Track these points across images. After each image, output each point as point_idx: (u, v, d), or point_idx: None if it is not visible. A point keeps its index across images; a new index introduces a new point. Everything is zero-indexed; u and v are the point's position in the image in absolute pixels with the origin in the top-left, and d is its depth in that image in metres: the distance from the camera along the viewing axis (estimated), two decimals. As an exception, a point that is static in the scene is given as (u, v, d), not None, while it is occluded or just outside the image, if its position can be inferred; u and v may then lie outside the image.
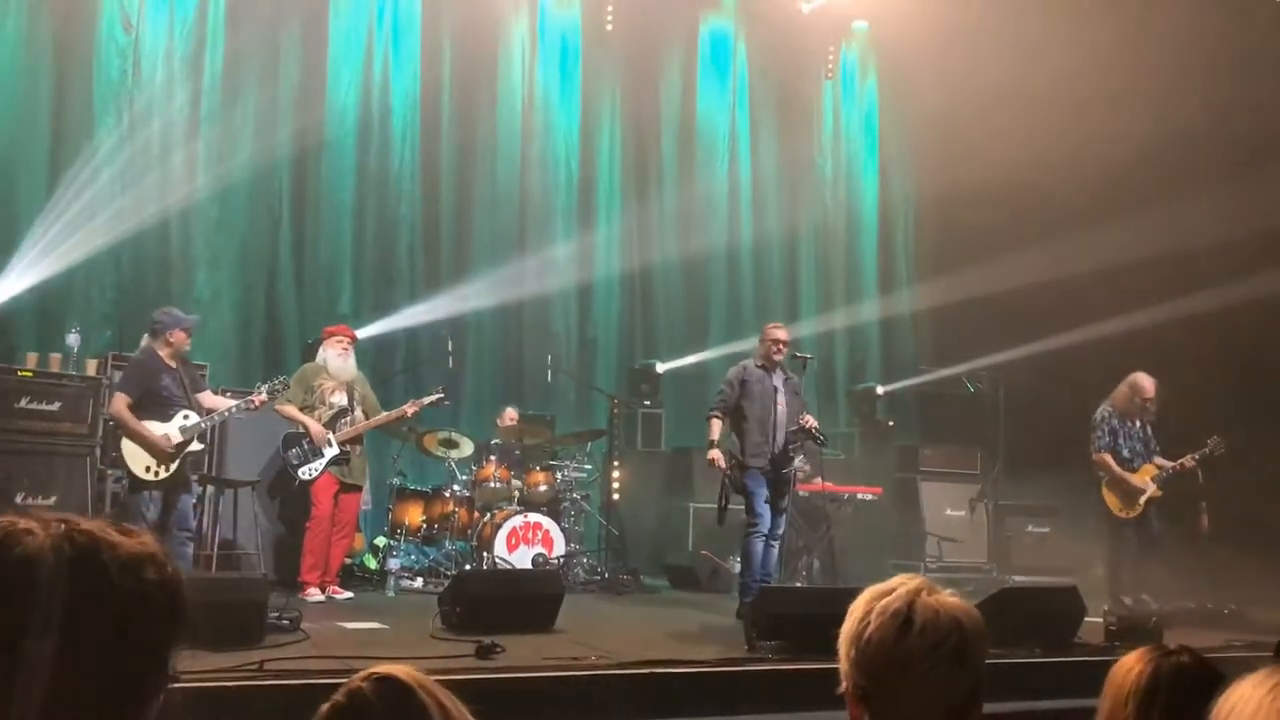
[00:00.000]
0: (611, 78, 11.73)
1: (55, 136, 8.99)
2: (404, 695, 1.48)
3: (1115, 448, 8.19)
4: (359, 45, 10.47)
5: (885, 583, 1.74)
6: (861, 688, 1.68)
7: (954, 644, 1.64)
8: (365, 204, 10.37)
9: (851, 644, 1.69)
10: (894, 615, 1.66)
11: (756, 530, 7.06)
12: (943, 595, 1.70)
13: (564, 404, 10.95)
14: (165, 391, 6.79)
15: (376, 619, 6.44)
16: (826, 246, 12.73)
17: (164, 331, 6.91)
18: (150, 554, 1.15)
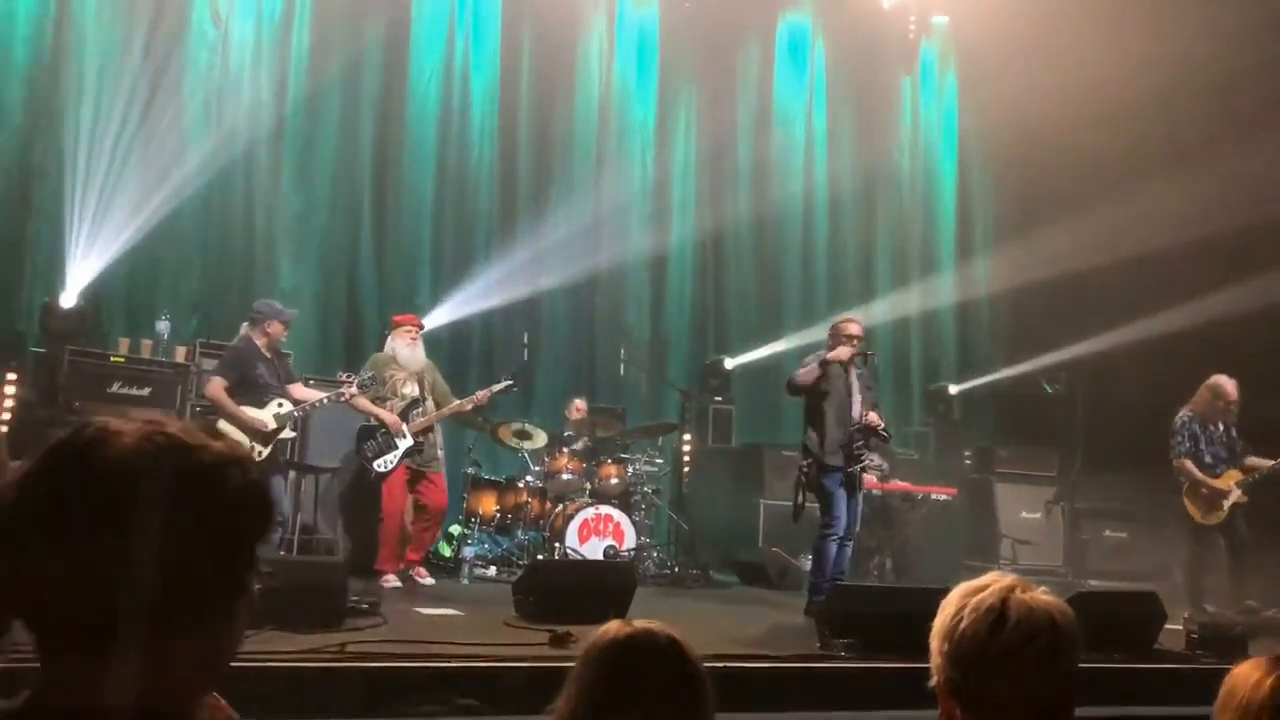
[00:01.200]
0: (689, 73, 11.75)
1: (146, 128, 9.19)
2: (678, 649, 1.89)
3: (1197, 453, 8.03)
4: (440, 38, 10.61)
5: (978, 579, 1.75)
6: (953, 682, 1.69)
7: (1047, 641, 1.65)
8: (444, 196, 10.51)
9: (944, 639, 1.71)
10: (987, 611, 1.67)
11: (832, 532, 6.95)
12: (1036, 592, 1.72)
13: (635, 397, 11.00)
14: (261, 379, 7.02)
15: (451, 606, 6.54)
16: (903, 243, 12.62)
17: (262, 321, 7.15)
18: (236, 457, 1.17)
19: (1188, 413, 8.16)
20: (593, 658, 1.91)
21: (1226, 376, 8.12)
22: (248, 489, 1.16)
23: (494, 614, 6.05)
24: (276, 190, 9.70)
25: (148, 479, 1.09)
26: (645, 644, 1.91)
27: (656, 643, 1.92)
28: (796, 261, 12.07)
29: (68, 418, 7.21)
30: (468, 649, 4.69)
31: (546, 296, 10.88)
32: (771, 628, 6.50)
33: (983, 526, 10.30)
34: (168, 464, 1.11)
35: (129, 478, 1.09)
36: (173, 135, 9.23)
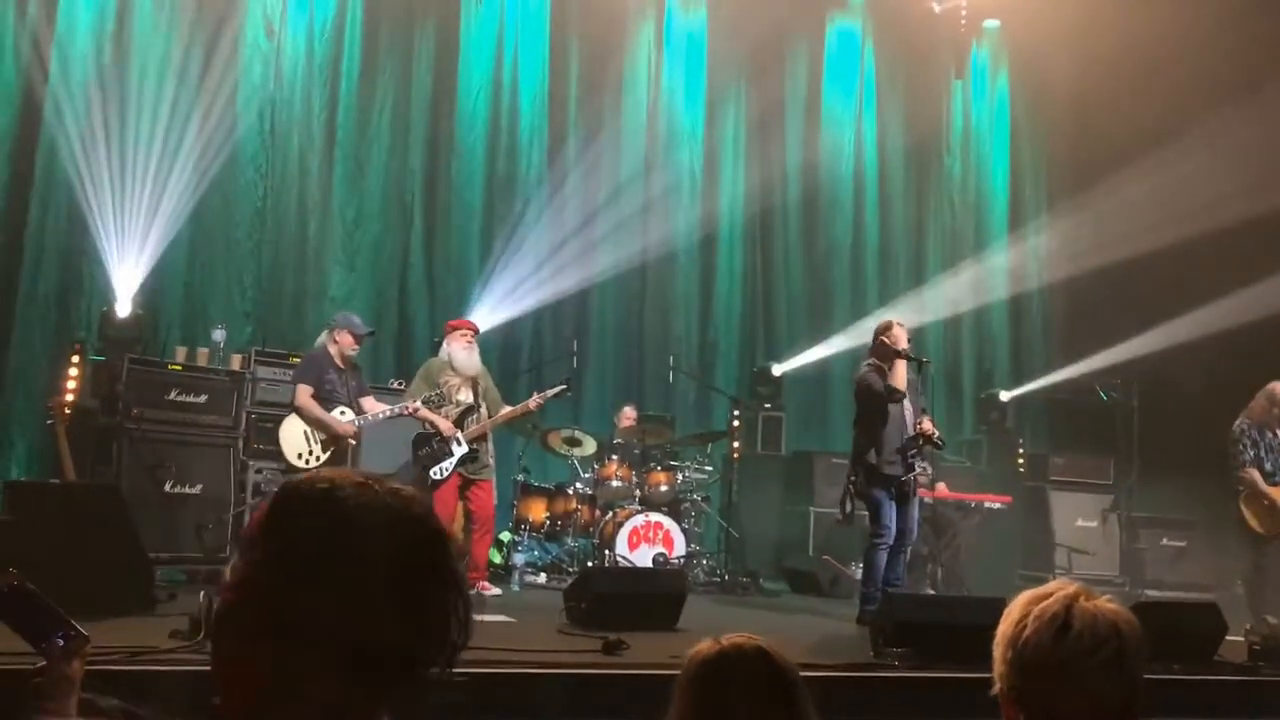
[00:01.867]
0: (737, 79, 11.74)
1: (200, 138, 9.33)
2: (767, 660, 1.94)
3: (1259, 461, 7.86)
4: (489, 49, 10.69)
5: (1041, 587, 1.75)
6: (1017, 690, 1.69)
7: (1112, 650, 1.64)
8: (493, 205, 10.58)
9: (1009, 646, 1.70)
10: (1052, 619, 1.66)
11: (883, 541, 6.89)
12: (1101, 601, 1.70)
13: (684, 405, 10.99)
14: (329, 385, 7.17)
15: (504, 613, 6.56)
16: (954, 247, 12.51)
17: (334, 330, 7.33)
18: (416, 511, 1.21)
19: (1245, 420, 7.99)
20: (685, 683, 1.94)
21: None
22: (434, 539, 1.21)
23: (546, 621, 6.08)
24: (328, 200, 9.81)
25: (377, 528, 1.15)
26: (735, 660, 1.95)
27: (745, 656, 1.95)
28: (846, 266, 12.02)
29: (127, 424, 7.35)
30: (522, 655, 4.70)
31: (596, 304, 10.92)
32: (823, 636, 6.46)
33: (1037, 535, 10.18)
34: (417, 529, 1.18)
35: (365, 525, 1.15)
36: (227, 146, 9.38)
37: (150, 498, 7.22)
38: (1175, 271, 10.25)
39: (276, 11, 9.76)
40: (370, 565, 1.13)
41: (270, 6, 9.71)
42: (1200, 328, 10.09)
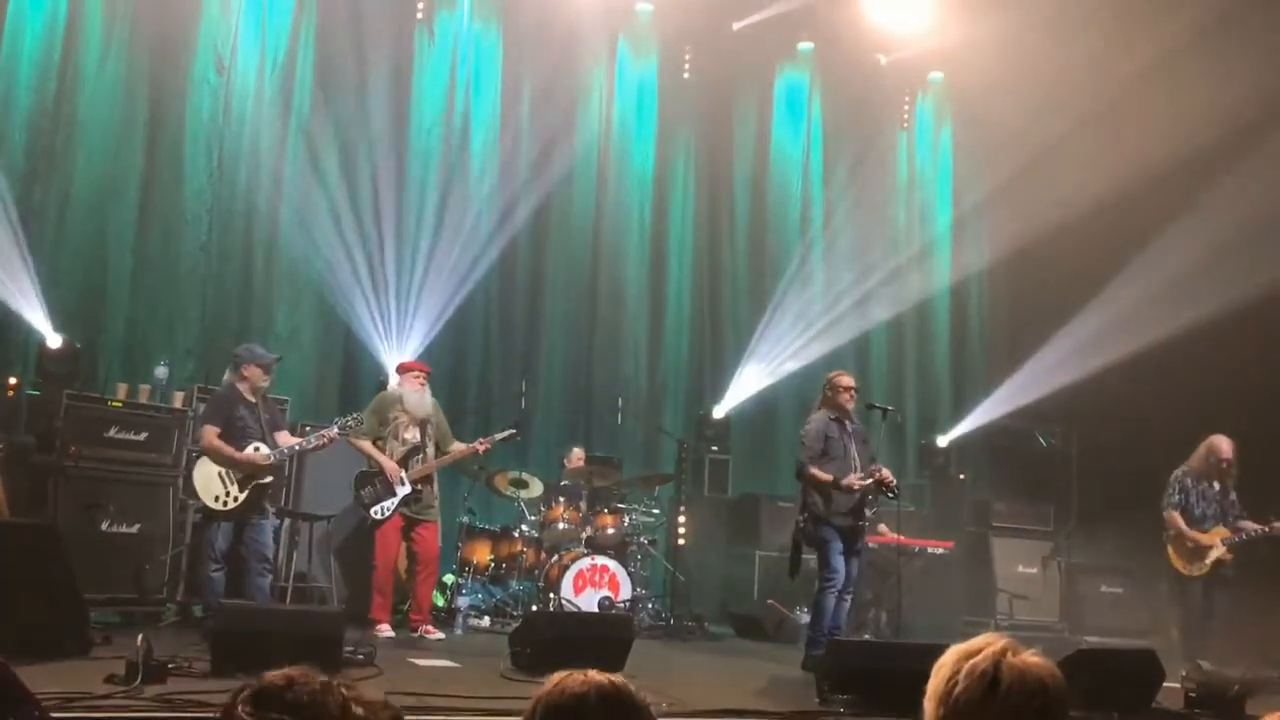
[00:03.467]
0: (687, 126, 11.86)
1: (147, 174, 9.25)
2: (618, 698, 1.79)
3: (1186, 507, 8.20)
4: (441, 88, 10.70)
5: (971, 641, 1.80)
6: None
7: (1039, 705, 1.70)
8: (441, 243, 10.52)
9: (940, 703, 1.74)
10: (981, 675, 1.71)
11: (831, 585, 6.94)
12: (1027, 655, 1.76)
13: (632, 447, 10.98)
14: (240, 422, 6.90)
15: (447, 657, 6.50)
16: (899, 295, 12.67)
17: (241, 365, 7.05)
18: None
19: (1183, 469, 8.35)
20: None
21: (1224, 437, 8.25)
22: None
23: (490, 665, 6.02)
24: (275, 236, 9.73)
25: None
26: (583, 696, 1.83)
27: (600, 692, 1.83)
28: (792, 314, 12.10)
29: (64, 461, 7.19)
30: (466, 701, 4.65)
31: (544, 344, 10.92)
32: (769, 681, 6.47)
33: (979, 580, 10.27)
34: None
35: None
36: (173, 183, 9.29)
37: (87, 537, 7.06)
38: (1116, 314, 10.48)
39: (227, 47, 9.70)
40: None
41: (221, 42, 9.65)
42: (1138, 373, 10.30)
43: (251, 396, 7.03)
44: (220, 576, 6.78)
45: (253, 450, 6.87)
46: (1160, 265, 10.23)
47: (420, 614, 7.47)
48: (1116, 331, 10.45)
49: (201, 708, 4.11)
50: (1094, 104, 10.86)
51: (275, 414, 7.29)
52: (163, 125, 9.37)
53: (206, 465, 6.83)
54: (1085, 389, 10.73)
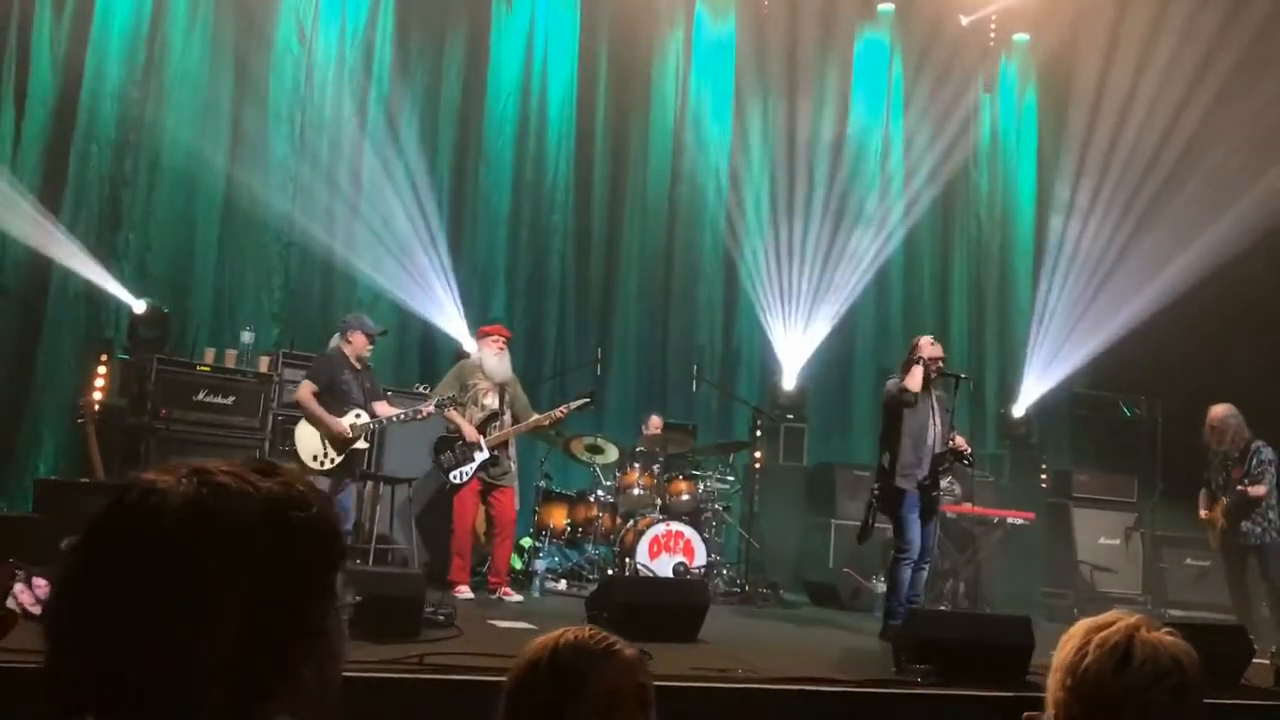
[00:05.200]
0: (765, 88, 11.73)
1: (233, 142, 9.44)
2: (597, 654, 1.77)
3: (1205, 480, 8.52)
4: (518, 56, 10.74)
5: (1102, 615, 1.77)
6: (1075, 717, 1.68)
7: (1173, 683, 1.66)
8: (520, 211, 10.63)
9: (1068, 673, 1.71)
10: (1113, 649, 1.68)
11: (907, 557, 6.86)
12: (1161, 633, 1.72)
13: (706, 414, 11.00)
14: (344, 386, 7.18)
15: (525, 619, 6.57)
16: (980, 262, 12.47)
17: (347, 330, 7.35)
18: (289, 495, 1.10)
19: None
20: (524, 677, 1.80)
21: (1219, 404, 8.46)
22: (309, 525, 1.10)
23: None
24: (357, 203, 9.87)
25: (203, 539, 1.04)
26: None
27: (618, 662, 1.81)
28: (871, 281, 11.97)
29: (155, 424, 7.40)
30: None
31: (620, 311, 10.95)
32: (845, 650, 6.44)
33: (1060, 552, 10.11)
34: (222, 519, 1.05)
35: (184, 541, 1.04)
36: (259, 149, 9.46)
37: (177, 497, 7.25)
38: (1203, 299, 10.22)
39: (309, 16, 9.84)
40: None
41: (302, 12, 9.80)
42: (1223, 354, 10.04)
43: (356, 363, 7.29)
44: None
45: (354, 417, 7.13)
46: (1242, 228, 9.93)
47: (498, 576, 7.57)
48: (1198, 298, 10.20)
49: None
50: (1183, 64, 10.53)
51: (375, 385, 7.54)
52: (247, 94, 9.54)
53: (308, 425, 7.10)
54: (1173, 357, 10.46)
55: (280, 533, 1.08)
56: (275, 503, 1.09)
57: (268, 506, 1.08)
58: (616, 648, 1.81)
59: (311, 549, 1.11)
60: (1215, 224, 10.32)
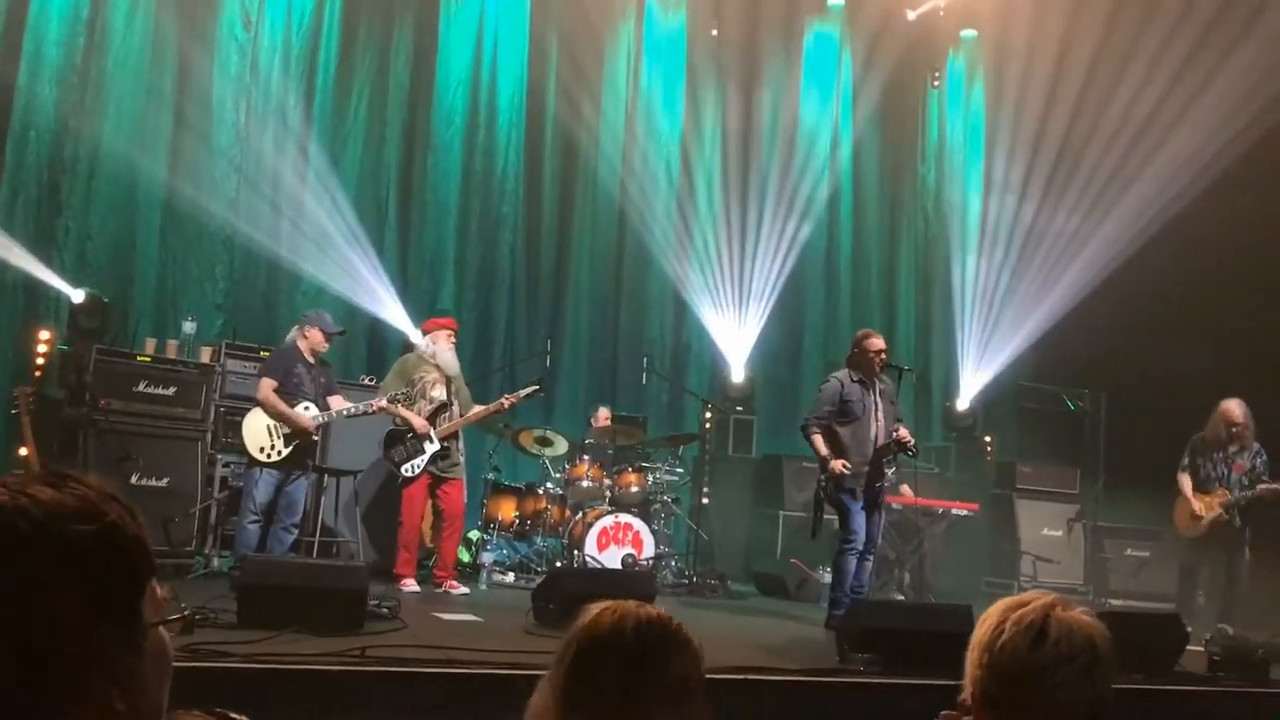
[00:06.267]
0: (715, 83, 11.75)
1: (176, 130, 9.28)
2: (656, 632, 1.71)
3: (1194, 468, 8.43)
4: (468, 46, 10.66)
5: (1019, 595, 1.79)
6: (990, 695, 1.72)
7: (1086, 660, 1.69)
8: (469, 202, 10.56)
9: (984, 651, 1.73)
10: (1029, 627, 1.70)
11: (852, 547, 6.93)
12: (1076, 612, 1.74)
13: (657, 407, 11.02)
14: (296, 380, 7.19)
15: (471, 612, 6.56)
16: (927, 257, 12.58)
17: (305, 325, 7.36)
18: (73, 507, 1.00)
19: (1198, 435, 8.53)
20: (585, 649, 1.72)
21: (1235, 400, 8.32)
22: (97, 539, 1.00)
23: (513, 621, 6.07)
24: (303, 193, 9.75)
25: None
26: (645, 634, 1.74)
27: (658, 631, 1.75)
28: (820, 271, 12.04)
29: (94, 415, 7.28)
30: (488, 655, 4.69)
31: (570, 303, 10.92)
32: (790, 639, 6.49)
33: (1004, 543, 10.26)
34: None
35: None
36: (203, 137, 9.31)
37: (116, 490, 7.14)
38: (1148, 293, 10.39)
39: (254, 3, 9.70)
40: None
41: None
42: (1167, 347, 10.20)
43: (310, 358, 7.29)
44: (255, 530, 6.98)
45: (303, 409, 7.13)
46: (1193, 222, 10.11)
47: (445, 569, 7.54)
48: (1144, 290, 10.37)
49: (226, 658, 4.17)
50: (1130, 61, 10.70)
51: (330, 379, 7.53)
52: (191, 81, 9.38)
53: (257, 416, 7.08)
54: (1114, 351, 10.63)
55: (57, 550, 0.97)
56: (54, 516, 0.98)
57: (45, 519, 0.97)
58: (691, 638, 1.78)
59: (100, 566, 1.00)
60: (1158, 215, 10.48)
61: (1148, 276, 10.32)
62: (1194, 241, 9.89)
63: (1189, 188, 10.16)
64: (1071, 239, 11.60)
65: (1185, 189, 10.19)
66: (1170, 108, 10.47)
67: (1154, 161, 10.65)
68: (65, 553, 0.98)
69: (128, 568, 1.03)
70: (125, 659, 1.01)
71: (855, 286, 12.27)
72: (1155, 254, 10.30)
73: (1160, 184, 10.50)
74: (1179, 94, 10.38)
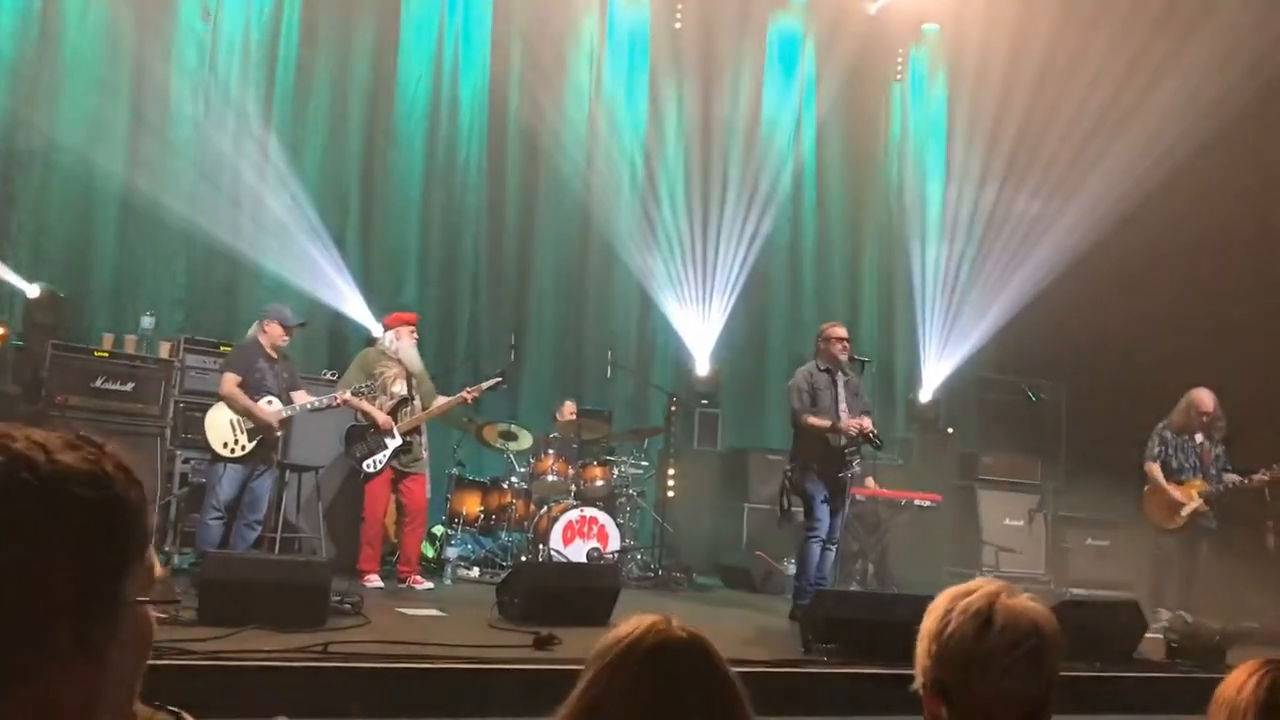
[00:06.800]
0: (678, 76, 11.72)
1: (134, 122, 9.16)
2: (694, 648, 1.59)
3: (1165, 460, 8.31)
4: (430, 39, 10.59)
5: (965, 584, 1.81)
6: (940, 683, 1.74)
7: (1032, 646, 1.71)
8: (432, 196, 10.49)
9: (932, 640, 1.75)
10: (975, 614, 1.72)
11: (815, 535, 7.01)
12: (1022, 598, 1.76)
13: (622, 400, 10.99)
14: (258, 374, 7.13)
15: (434, 606, 6.53)
16: (890, 250, 12.64)
17: (264, 320, 7.30)
18: (87, 471, 1.03)
19: (1165, 422, 8.45)
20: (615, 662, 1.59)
21: (1205, 390, 8.30)
22: (99, 507, 1.02)
23: (477, 615, 6.05)
24: (262, 187, 9.64)
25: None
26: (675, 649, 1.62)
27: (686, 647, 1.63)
28: (784, 267, 12.07)
29: (50, 412, 7.18)
30: (451, 650, 4.67)
31: (534, 297, 10.89)
32: (755, 631, 6.51)
33: (966, 533, 10.34)
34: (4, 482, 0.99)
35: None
36: (161, 130, 9.19)
37: (73, 487, 7.05)
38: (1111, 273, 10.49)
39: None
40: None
41: (206, -10, 9.54)
42: (1128, 340, 10.32)
43: (271, 353, 7.24)
44: (218, 526, 6.92)
45: (266, 404, 7.09)
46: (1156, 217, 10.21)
47: (408, 565, 7.50)
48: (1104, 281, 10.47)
49: (187, 655, 4.12)
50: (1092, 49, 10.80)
51: (293, 373, 7.48)
52: (148, 73, 9.26)
53: (219, 411, 7.02)
54: (1074, 342, 10.74)
55: (53, 507, 1.00)
56: (59, 475, 1.01)
57: (49, 475, 1.01)
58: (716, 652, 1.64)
59: (92, 532, 1.02)
60: (1117, 205, 10.59)
61: (1108, 267, 10.41)
62: (1154, 232, 9.98)
63: (1149, 175, 10.23)
64: (1031, 229, 11.69)
65: (1146, 176, 10.26)
66: (1129, 95, 10.57)
67: (1114, 150, 10.75)
68: (60, 512, 1.01)
69: (119, 540, 1.05)
70: (99, 628, 1.02)
71: (819, 279, 12.30)
72: (1116, 244, 10.39)
73: (1120, 173, 10.58)
74: (1138, 81, 10.48)
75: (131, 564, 1.06)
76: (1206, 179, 9.66)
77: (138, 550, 1.07)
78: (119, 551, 1.05)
